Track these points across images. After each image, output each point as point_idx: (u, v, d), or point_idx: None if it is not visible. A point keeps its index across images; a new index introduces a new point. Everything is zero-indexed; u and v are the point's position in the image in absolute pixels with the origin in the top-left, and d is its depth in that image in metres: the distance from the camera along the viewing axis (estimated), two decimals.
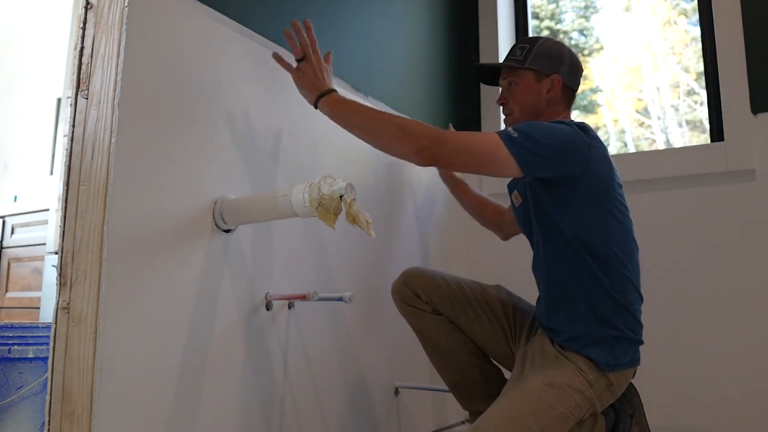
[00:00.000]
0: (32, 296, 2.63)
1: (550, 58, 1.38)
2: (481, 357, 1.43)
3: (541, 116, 1.37)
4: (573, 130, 1.24)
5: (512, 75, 1.40)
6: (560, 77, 1.37)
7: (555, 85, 1.37)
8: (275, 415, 1.33)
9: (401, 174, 1.87)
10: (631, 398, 1.30)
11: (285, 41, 1.36)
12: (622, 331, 1.24)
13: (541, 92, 1.37)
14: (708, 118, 2.00)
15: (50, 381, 1.04)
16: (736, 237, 1.79)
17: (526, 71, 1.38)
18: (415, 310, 1.43)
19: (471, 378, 1.42)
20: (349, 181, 1.07)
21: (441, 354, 1.45)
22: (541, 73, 1.37)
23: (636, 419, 1.29)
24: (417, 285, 1.43)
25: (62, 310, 1.04)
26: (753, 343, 1.73)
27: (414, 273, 1.45)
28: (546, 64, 1.37)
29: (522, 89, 1.38)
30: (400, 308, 1.48)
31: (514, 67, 1.39)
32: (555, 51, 1.39)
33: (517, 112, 1.39)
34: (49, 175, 3.15)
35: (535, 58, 1.37)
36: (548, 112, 1.38)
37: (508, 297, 1.46)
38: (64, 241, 1.06)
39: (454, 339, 1.42)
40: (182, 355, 1.13)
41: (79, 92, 1.11)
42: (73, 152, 1.10)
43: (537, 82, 1.37)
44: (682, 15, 2.23)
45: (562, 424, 1.13)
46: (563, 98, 1.39)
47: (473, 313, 1.40)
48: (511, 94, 1.40)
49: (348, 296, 1.33)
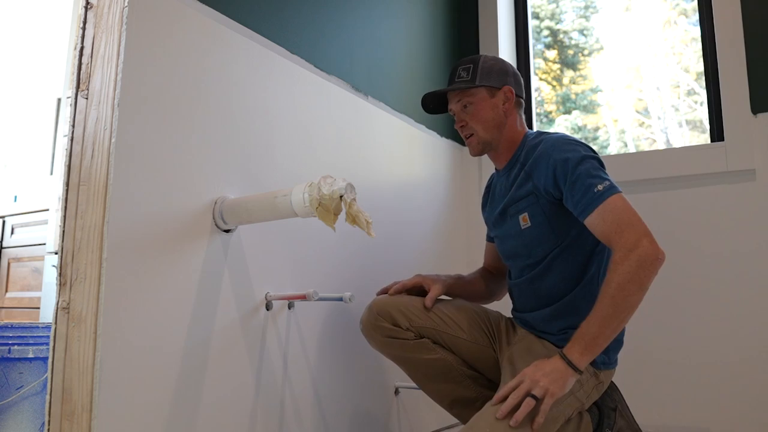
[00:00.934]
0: (32, 296, 2.63)
1: (496, 72, 1.41)
2: (472, 369, 1.42)
3: (503, 128, 1.40)
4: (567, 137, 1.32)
5: (465, 96, 1.41)
6: (511, 88, 1.41)
7: (509, 97, 1.41)
8: (275, 414, 1.33)
9: (401, 174, 1.87)
10: (611, 393, 1.33)
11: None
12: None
13: (498, 106, 1.40)
14: (708, 118, 2.00)
15: (50, 381, 1.04)
16: (736, 237, 1.79)
17: (479, 89, 1.40)
18: (396, 341, 1.37)
19: (467, 392, 1.41)
20: (349, 181, 1.07)
21: (432, 377, 1.41)
22: (493, 87, 1.40)
23: (619, 412, 1.31)
24: (393, 312, 1.37)
25: (62, 310, 1.04)
26: (753, 342, 1.73)
27: (384, 302, 1.39)
28: (495, 79, 1.40)
29: (480, 107, 1.40)
30: (378, 343, 1.40)
31: (465, 88, 1.40)
32: (499, 65, 1.43)
33: (480, 130, 1.40)
34: (49, 175, 3.15)
35: (483, 75, 1.40)
36: (508, 123, 1.41)
37: (474, 304, 1.48)
38: (64, 241, 1.06)
39: (442, 357, 1.38)
40: (182, 355, 1.13)
41: (79, 92, 1.11)
42: (73, 152, 1.10)
43: (491, 97, 1.40)
44: (682, 15, 2.23)
45: (551, 423, 1.15)
46: (516, 107, 1.43)
47: (455, 324, 1.39)
48: (468, 115, 1.41)
49: (348, 296, 1.33)
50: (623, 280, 1.12)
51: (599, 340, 1.14)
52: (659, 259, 1.14)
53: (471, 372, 1.42)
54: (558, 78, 2.50)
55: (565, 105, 2.46)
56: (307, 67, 1.53)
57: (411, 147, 1.94)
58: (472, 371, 1.42)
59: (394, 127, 1.87)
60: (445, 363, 1.39)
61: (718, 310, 1.79)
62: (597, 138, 2.38)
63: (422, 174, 1.96)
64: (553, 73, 2.51)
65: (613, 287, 1.13)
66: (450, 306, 1.42)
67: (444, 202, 2.08)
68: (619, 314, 1.13)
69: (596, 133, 2.39)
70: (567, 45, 2.49)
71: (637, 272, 1.12)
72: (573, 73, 2.48)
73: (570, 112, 2.44)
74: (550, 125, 2.46)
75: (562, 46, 2.50)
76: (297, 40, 1.51)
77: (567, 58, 2.49)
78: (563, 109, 2.46)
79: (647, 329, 1.85)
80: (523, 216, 1.35)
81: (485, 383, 1.41)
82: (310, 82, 1.53)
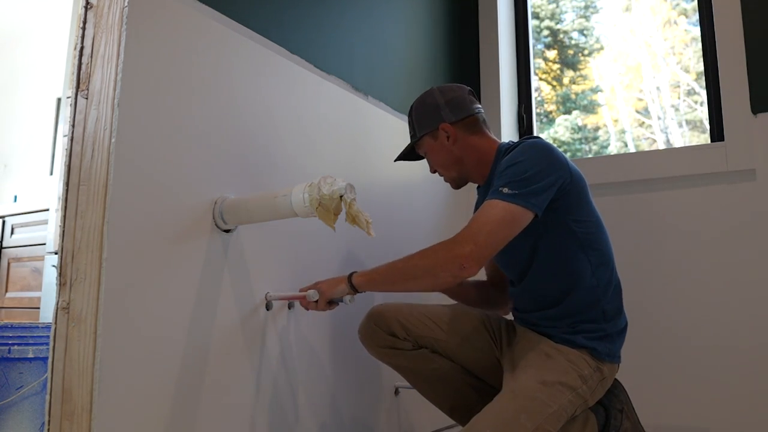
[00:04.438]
0: (32, 296, 2.63)
1: (426, 114, 1.40)
2: (471, 375, 1.42)
3: (463, 159, 1.38)
4: (536, 141, 1.26)
5: (419, 149, 1.45)
6: (446, 123, 1.37)
7: (449, 132, 1.37)
8: (275, 414, 1.33)
9: (401, 174, 1.87)
10: (618, 393, 1.32)
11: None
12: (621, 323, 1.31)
13: (445, 144, 1.38)
14: (708, 118, 2.00)
15: (50, 381, 1.03)
16: (736, 237, 1.79)
17: (423, 139, 1.41)
18: (394, 351, 1.37)
19: (467, 398, 1.41)
20: (349, 181, 1.07)
21: (432, 385, 1.42)
22: (430, 131, 1.39)
23: (626, 413, 1.31)
24: (390, 322, 1.36)
25: (62, 310, 1.04)
26: (753, 342, 1.73)
27: (381, 311, 1.39)
28: (428, 122, 1.39)
29: (432, 155, 1.42)
30: (376, 353, 1.40)
31: (414, 143, 1.44)
32: (427, 104, 1.40)
33: (444, 172, 1.43)
34: (49, 175, 3.15)
35: (419, 124, 1.41)
36: (466, 152, 1.38)
37: (474, 309, 1.46)
38: (64, 241, 1.06)
39: (442, 366, 1.38)
40: (182, 355, 1.13)
41: (79, 92, 1.11)
42: (73, 152, 1.10)
43: (435, 139, 1.39)
44: (682, 15, 2.23)
45: (555, 421, 1.14)
46: (467, 131, 1.38)
47: (454, 333, 1.38)
48: (432, 163, 1.44)
49: (348, 297, 1.33)
50: (427, 263, 1.16)
51: (379, 281, 1.23)
52: (464, 267, 1.12)
53: (471, 380, 1.41)
54: (558, 78, 2.50)
55: (565, 105, 2.46)
56: (307, 67, 1.53)
57: None
58: (472, 379, 1.42)
59: (394, 127, 1.87)
60: (445, 372, 1.39)
61: (718, 310, 1.79)
62: (597, 138, 2.38)
63: (422, 174, 1.96)
64: (553, 73, 2.52)
65: (416, 258, 1.18)
66: (448, 313, 1.42)
67: (444, 202, 2.08)
68: (404, 282, 1.20)
69: (596, 133, 2.39)
70: (567, 45, 2.49)
71: (427, 261, 1.16)
72: (573, 73, 2.48)
73: (570, 112, 2.44)
74: (550, 125, 2.46)
75: (562, 46, 2.50)
76: (297, 40, 1.51)
77: (567, 58, 2.49)
78: (563, 109, 2.46)
79: (647, 329, 1.85)
80: None
81: (486, 390, 1.40)
82: (310, 82, 1.53)
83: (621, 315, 1.32)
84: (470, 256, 1.11)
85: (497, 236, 1.14)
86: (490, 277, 1.57)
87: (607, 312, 1.28)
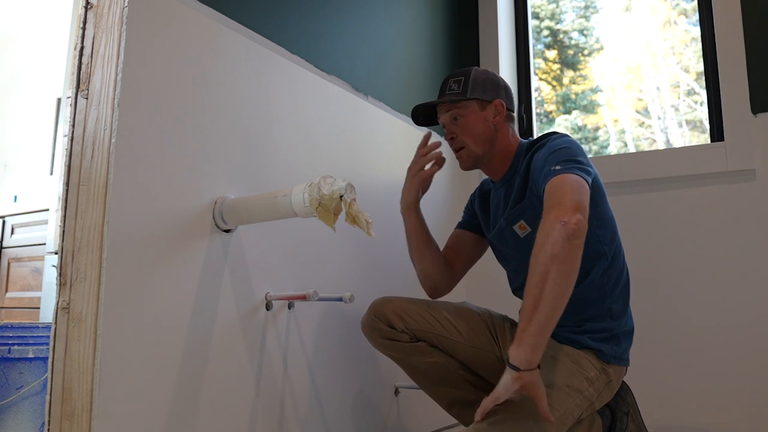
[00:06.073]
0: (32, 296, 2.63)
1: (488, 85, 1.40)
2: (470, 372, 1.42)
3: (495, 142, 1.38)
4: (569, 136, 1.29)
5: (456, 108, 1.39)
6: (502, 101, 1.39)
7: (500, 110, 1.39)
8: (275, 414, 1.33)
9: (401, 174, 1.87)
10: (624, 396, 1.32)
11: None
12: (628, 325, 1.31)
13: (489, 119, 1.38)
14: (708, 118, 2.00)
15: (50, 381, 1.03)
16: (736, 237, 1.79)
17: (470, 101, 1.38)
18: (393, 342, 1.38)
19: (465, 394, 1.40)
20: (349, 181, 1.07)
21: (430, 379, 1.42)
22: (483, 101, 1.38)
23: (632, 416, 1.31)
24: (389, 315, 1.37)
25: (62, 310, 1.04)
26: (753, 342, 1.73)
27: (382, 303, 1.40)
28: (486, 92, 1.39)
29: (470, 120, 1.38)
30: (377, 344, 1.42)
31: (456, 100, 1.39)
32: (491, 78, 1.41)
33: (471, 144, 1.38)
34: (49, 175, 3.16)
35: (474, 88, 1.38)
36: (499, 136, 1.39)
37: (479, 307, 1.47)
38: (64, 241, 1.06)
39: (439, 361, 1.39)
40: (182, 355, 1.13)
41: (79, 92, 1.11)
42: (73, 152, 1.10)
43: (482, 110, 1.38)
44: (682, 15, 2.23)
45: (561, 424, 1.14)
46: (507, 121, 1.41)
47: (454, 328, 1.38)
48: (459, 128, 1.39)
49: (348, 296, 1.33)
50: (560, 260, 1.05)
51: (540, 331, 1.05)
52: (582, 230, 1.07)
53: (469, 375, 1.41)
54: (558, 78, 2.50)
55: (565, 105, 2.46)
56: (308, 67, 1.53)
57: (411, 147, 1.94)
58: (470, 375, 1.42)
59: (394, 127, 1.87)
60: (443, 366, 1.39)
61: (719, 309, 1.79)
62: (597, 138, 2.38)
63: None
64: (553, 73, 2.51)
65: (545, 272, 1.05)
66: (451, 309, 1.42)
67: (444, 202, 2.08)
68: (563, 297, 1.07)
69: (596, 133, 2.39)
70: (567, 45, 2.49)
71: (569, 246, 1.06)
72: (573, 73, 2.48)
73: (570, 112, 2.43)
74: (550, 125, 2.46)
75: (562, 46, 2.50)
76: (297, 40, 1.51)
77: (567, 58, 2.49)
78: (563, 109, 2.46)
79: (647, 329, 1.85)
80: (520, 224, 1.33)
81: (484, 386, 1.40)
82: (310, 82, 1.53)
83: (628, 314, 1.32)
84: (580, 222, 1.07)
85: (584, 197, 1.14)
86: (446, 254, 1.54)
87: (613, 310, 1.28)
